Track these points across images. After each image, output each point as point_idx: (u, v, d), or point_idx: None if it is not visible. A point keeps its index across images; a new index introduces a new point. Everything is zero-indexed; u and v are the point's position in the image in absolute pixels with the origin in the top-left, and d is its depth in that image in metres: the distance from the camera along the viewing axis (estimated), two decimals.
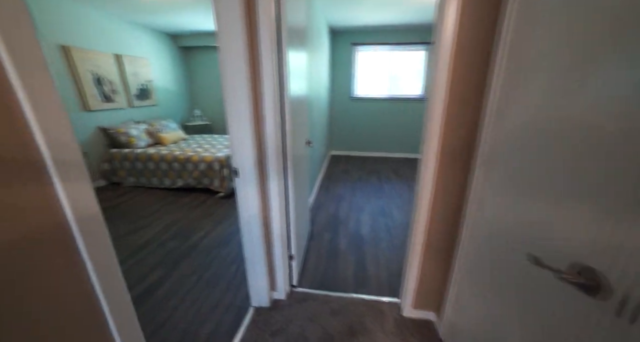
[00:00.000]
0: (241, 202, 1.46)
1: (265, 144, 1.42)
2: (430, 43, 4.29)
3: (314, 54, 2.97)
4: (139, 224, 2.71)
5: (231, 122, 1.31)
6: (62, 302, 0.63)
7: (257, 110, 1.36)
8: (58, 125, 0.62)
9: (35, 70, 0.55)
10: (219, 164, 3.29)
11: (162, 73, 4.72)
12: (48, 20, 3.00)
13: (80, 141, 3.42)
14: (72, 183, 0.64)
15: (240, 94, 1.26)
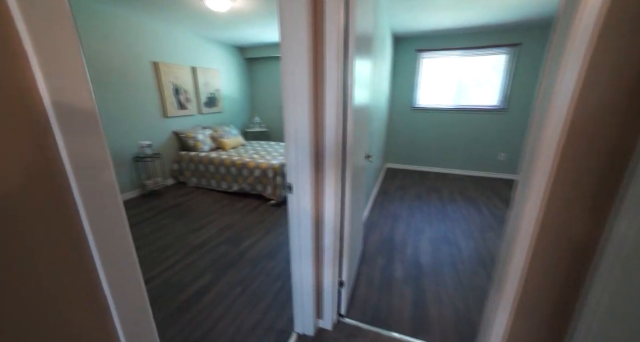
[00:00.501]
0: (292, 222, 1.34)
1: (323, 159, 1.28)
2: (515, 45, 3.74)
3: (377, 62, 2.79)
4: (197, 224, 2.84)
5: (288, 134, 1.20)
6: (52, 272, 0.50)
7: (317, 122, 1.24)
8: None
9: None
10: (273, 172, 3.30)
11: (228, 82, 5.08)
12: (144, 41, 3.44)
13: (159, 144, 3.82)
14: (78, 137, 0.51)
15: (300, 105, 1.15)
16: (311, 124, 1.19)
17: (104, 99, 3.11)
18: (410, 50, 4.38)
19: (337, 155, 1.27)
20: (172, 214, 3.10)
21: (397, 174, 4.64)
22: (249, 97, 5.77)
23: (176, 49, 3.91)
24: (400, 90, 4.62)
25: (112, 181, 0.57)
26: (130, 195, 3.55)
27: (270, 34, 4.19)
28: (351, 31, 1.21)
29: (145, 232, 2.69)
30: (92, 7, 2.90)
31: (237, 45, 5.09)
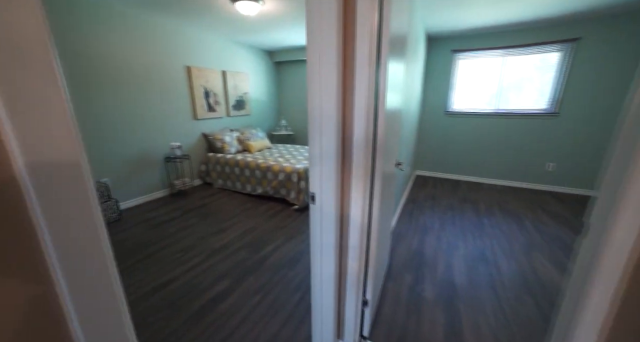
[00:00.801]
0: (314, 234, 1.24)
1: (350, 167, 1.17)
2: (572, 40, 3.27)
3: (409, 63, 2.62)
4: (221, 226, 2.84)
5: (313, 141, 1.10)
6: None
7: (345, 128, 1.13)
8: None
9: None
10: (297, 176, 3.24)
11: (257, 86, 5.15)
12: (178, 46, 3.58)
13: (189, 145, 3.94)
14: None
15: (327, 110, 1.05)
16: (338, 130, 1.08)
17: (138, 101, 3.26)
18: (445, 51, 4.13)
19: (366, 164, 1.15)
20: (197, 214, 3.14)
21: (428, 182, 4.37)
22: (276, 100, 5.82)
23: (208, 53, 4.02)
24: (432, 94, 4.37)
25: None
26: (160, 194, 3.67)
27: (298, 37, 4.18)
28: (385, 32, 1.09)
29: (172, 231, 2.74)
30: (130, 14, 3.06)
31: (266, 49, 5.15)
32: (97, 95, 2.87)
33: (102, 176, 3.03)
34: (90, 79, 2.80)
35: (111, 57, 2.93)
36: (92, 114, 2.86)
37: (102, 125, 2.95)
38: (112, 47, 2.93)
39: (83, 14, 2.68)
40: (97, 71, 2.84)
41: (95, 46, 2.79)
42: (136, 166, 3.33)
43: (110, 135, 3.03)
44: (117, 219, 2.97)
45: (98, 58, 2.83)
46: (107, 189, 2.85)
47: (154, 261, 2.25)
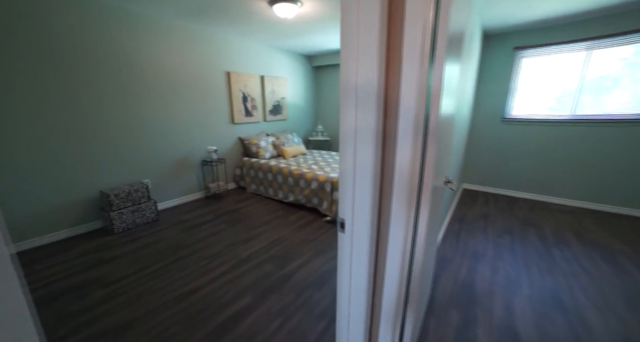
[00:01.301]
0: (342, 266, 1.02)
1: (392, 183, 0.93)
2: None
3: (463, 65, 2.27)
4: (249, 234, 2.76)
5: (345, 153, 0.89)
6: None
7: (387, 139, 0.90)
8: None
9: None
10: (331, 186, 3.04)
11: (294, 90, 5.10)
12: (219, 53, 3.65)
13: (225, 148, 4.00)
14: None
15: (363, 122, 0.83)
16: (377, 143, 0.85)
17: (180, 106, 3.37)
18: (505, 48, 3.62)
19: (411, 187, 0.90)
20: (228, 219, 3.11)
21: (477, 198, 3.84)
22: (314, 105, 5.72)
23: (247, 59, 4.05)
24: (487, 98, 3.86)
25: None
26: (196, 196, 3.75)
27: (338, 40, 4.01)
28: (442, 30, 0.85)
29: (203, 235, 2.73)
30: (176, 25, 3.17)
31: (305, 54, 5.08)
32: (143, 101, 3.01)
33: (144, 177, 3.16)
34: (138, 86, 2.95)
35: (158, 66, 3.06)
36: (139, 118, 3.00)
37: (146, 129, 3.09)
38: (159, 56, 3.06)
39: (139, 27, 2.83)
40: (145, 78, 2.98)
41: (145, 56, 2.94)
42: (175, 168, 3.44)
43: (153, 138, 3.16)
44: (155, 219, 3.06)
45: (147, 66, 2.97)
46: (147, 189, 2.95)
47: (181, 267, 2.21)
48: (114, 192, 2.70)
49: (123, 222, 2.79)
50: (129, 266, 2.22)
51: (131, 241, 2.63)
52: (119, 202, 2.75)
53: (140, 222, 2.94)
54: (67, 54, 2.44)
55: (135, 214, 2.87)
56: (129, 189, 2.82)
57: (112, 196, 2.68)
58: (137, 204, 2.89)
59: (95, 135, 2.71)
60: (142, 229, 2.87)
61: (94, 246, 2.52)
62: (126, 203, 2.80)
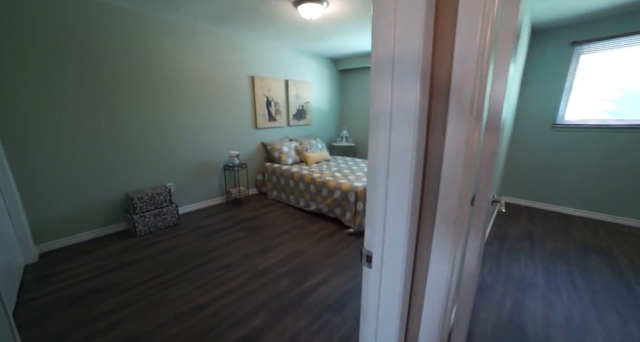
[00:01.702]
0: (368, 310, 0.83)
1: (436, 198, 0.73)
2: None
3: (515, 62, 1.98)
4: (268, 244, 2.64)
5: (375, 146, 0.71)
6: None
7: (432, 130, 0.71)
8: None
9: None
10: (355, 196, 2.84)
11: (319, 95, 4.98)
12: (243, 57, 3.64)
13: (248, 153, 3.96)
14: None
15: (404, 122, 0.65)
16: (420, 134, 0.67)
17: (204, 111, 3.37)
18: (558, 44, 3.20)
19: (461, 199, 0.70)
20: (247, 227, 3.02)
21: (521, 214, 3.42)
22: (339, 109, 5.56)
23: (272, 62, 4.01)
24: (533, 101, 3.45)
25: None
26: (217, 201, 3.73)
27: (364, 42, 3.83)
28: (510, 24, 0.65)
29: (221, 242, 2.65)
30: (198, 29, 3.18)
31: (331, 57, 4.95)
32: (168, 106, 3.04)
33: (168, 181, 3.18)
34: (164, 92, 2.98)
35: (182, 71, 3.09)
36: (164, 123, 3.04)
37: (171, 133, 3.11)
38: (184, 61, 3.08)
39: (166, 35, 2.87)
40: (171, 85, 3.01)
41: (170, 62, 2.97)
42: (197, 173, 3.44)
43: (177, 143, 3.18)
44: (175, 223, 3.06)
45: (172, 73, 3.01)
46: (169, 194, 2.96)
47: (197, 276, 2.14)
48: (138, 196, 2.73)
49: (145, 225, 2.80)
50: (147, 272, 2.19)
51: (152, 244, 2.62)
52: (142, 205, 2.76)
53: (162, 225, 2.94)
54: (98, 60, 2.51)
55: (157, 218, 2.88)
56: (152, 193, 2.83)
57: (135, 199, 2.70)
58: (159, 207, 2.90)
59: (122, 139, 2.76)
60: (163, 232, 2.87)
61: (117, 248, 2.54)
62: (149, 206, 2.82)
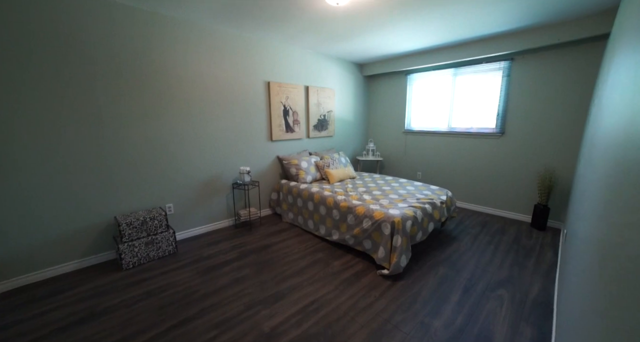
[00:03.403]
0: None
1: None
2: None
3: None
4: (278, 289, 2.04)
5: None
6: None
7: None
8: None
9: None
10: (391, 228, 2.20)
11: (342, 103, 4.45)
12: (257, 60, 3.20)
13: (261, 169, 3.45)
14: None
15: None
16: None
17: (211, 120, 2.92)
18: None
19: None
20: (255, 261, 2.45)
21: None
22: (365, 120, 4.99)
23: (290, 67, 3.55)
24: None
25: None
26: (224, 224, 3.21)
27: (396, 41, 3.26)
28: None
29: (221, 283, 2.09)
30: (205, 27, 2.78)
31: (356, 61, 4.44)
32: (169, 115, 2.62)
33: (166, 201, 2.72)
34: (164, 99, 2.57)
35: (188, 76, 2.68)
36: (164, 134, 2.61)
37: (172, 146, 2.67)
38: (189, 65, 2.68)
39: (166, 32, 2.49)
40: (172, 91, 2.60)
41: (173, 64, 2.57)
42: (201, 192, 2.96)
43: (179, 157, 2.73)
44: (172, 252, 2.56)
45: (175, 77, 2.60)
46: (165, 217, 2.48)
47: (182, 337, 1.57)
48: (127, 221, 2.26)
49: (134, 256, 2.31)
50: (117, 329, 1.66)
51: (137, 282, 2.11)
52: (132, 232, 2.29)
53: (155, 256, 2.44)
54: (83, 62, 2.14)
55: (149, 247, 2.39)
56: (145, 217, 2.36)
57: (124, 224, 2.24)
58: (152, 234, 2.41)
59: (113, 153, 2.34)
60: (154, 265, 2.36)
61: (95, 287, 2.05)
62: (140, 233, 2.34)
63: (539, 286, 2.11)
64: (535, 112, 3.19)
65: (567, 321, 1.16)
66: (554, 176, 3.11)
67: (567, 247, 1.90)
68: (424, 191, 2.97)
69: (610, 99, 1.94)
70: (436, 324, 1.70)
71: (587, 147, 1.98)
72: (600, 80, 2.44)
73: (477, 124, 3.66)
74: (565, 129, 3.02)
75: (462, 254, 2.58)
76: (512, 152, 3.40)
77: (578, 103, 2.91)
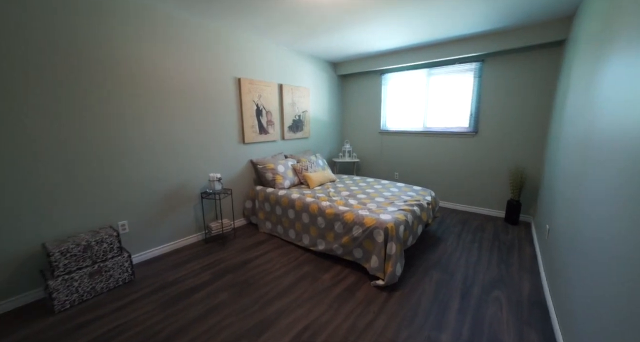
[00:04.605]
0: None
1: None
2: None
3: None
4: (263, 315, 1.75)
5: None
6: None
7: None
8: None
9: None
10: (384, 235, 2.03)
11: (318, 103, 4.26)
12: (227, 54, 2.87)
13: (233, 174, 3.10)
14: None
15: None
16: None
17: (173, 122, 2.52)
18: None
19: None
20: (233, 282, 2.12)
21: None
22: (339, 120, 4.85)
23: (262, 63, 3.26)
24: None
25: None
26: (192, 239, 2.81)
27: (374, 38, 3.16)
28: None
29: (191, 316, 1.74)
30: (166, 14, 2.40)
31: (330, 60, 4.29)
32: (121, 112, 2.17)
33: (118, 218, 2.26)
34: (117, 94, 2.13)
35: (145, 68, 2.26)
36: (116, 136, 2.16)
37: (120, 151, 2.22)
38: (148, 56, 2.26)
39: (118, 16, 2.06)
40: (127, 85, 2.17)
41: (128, 54, 2.14)
42: (163, 204, 2.53)
43: (133, 164, 2.29)
44: (128, 280, 2.12)
45: (130, 69, 2.17)
46: (117, 238, 2.03)
47: None
48: (62, 248, 1.78)
49: (73, 293, 1.84)
50: None
51: (76, 328, 1.65)
52: (69, 262, 1.82)
53: (104, 288, 1.99)
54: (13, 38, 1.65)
55: (94, 279, 1.93)
56: (89, 240, 1.90)
57: (56, 253, 1.76)
58: (99, 261, 1.96)
59: (41, 162, 1.85)
60: (103, 301, 1.91)
61: None
62: (81, 262, 1.88)
63: (529, 283, 2.11)
64: (505, 112, 3.31)
65: (578, 324, 1.10)
66: (524, 172, 3.24)
67: (552, 244, 1.92)
68: (408, 192, 2.88)
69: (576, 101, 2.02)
70: (444, 338, 1.56)
71: (561, 145, 2.05)
72: (562, 83, 2.59)
73: (452, 124, 3.72)
74: (532, 127, 3.16)
75: (450, 255, 2.53)
76: (486, 150, 3.50)
77: (542, 104, 3.06)
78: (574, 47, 2.26)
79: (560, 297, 1.63)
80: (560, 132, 2.28)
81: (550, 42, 2.82)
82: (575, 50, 2.19)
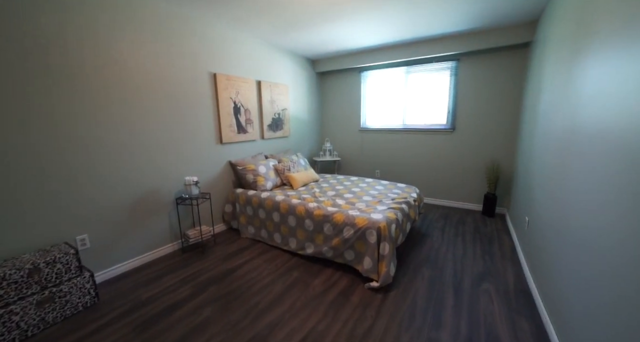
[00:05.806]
0: None
1: None
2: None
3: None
4: (255, 333, 1.60)
5: None
6: None
7: None
8: None
9: None
10: (377, 235, 1.98)
11: (297, 101, 4.13)
12: (202, 47, 2.64)
13: (211, 177, 2.88)
14: None
15: None
16: None
17: (142, 121, 2.25)
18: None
19: None
20: (216, 295, 1.94)
21: None
22: (319, 118, 4.76)
23: (239, 57, 3.06)
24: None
25: None
26: (167, 250, 2.55)
27: (356, 34, 3.11)
28: None
29: (173, 338, 1.54)
30: (138, 2, 2.14)
31: (308, 57, 4.18)
32: (82, 110, 1.88)
33: (77, 232, 1.96)
34: (76, 90, 1.83)
35: (109, 60, 1.98)
36: (75, 137, 1.86)
37: (88, 154, 1.93)
38: (112, 47, 1.98)
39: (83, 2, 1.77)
40: (89, 80, 1.88)
41: (89, 44, 1.86)
42: (132, 212, 2.26)
43: (95, 169, 2.00)
44: (91, 304, 1.84)
45: (91, 61, 1.88)
46: (75, 256, 1.75)
47: None
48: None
49: (12, 330, 1.52)
50: None
51: None
52: (5, 292, 1.50)
53: (57, 317, 1.69)
54: None
55: (43, 308, 1.63)
56: (35, 263, 1.60)
57: None
58: (51, 286, 1.67)
59: None
60: (57, 333, 1.62)
61: None
62: (24, 291, 1.57)
63: (512, 272, 2.18)
64: (480, 109, 3.44)
65: (568, 313, 1.13)
66: (499, 167, 3.39)
67: (533, 234, 1.99)
68: (393, 190, 2.87)
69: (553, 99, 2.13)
70: (444, 337, 1.54)
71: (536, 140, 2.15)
72: (532, 81, 2.73)
73: (430, 121, 3.79)
74: (504, 123, 3.32)
75: (437, 251, 2.55)
76: (463, 146, 3.61)
77: (512, 101, 3.23)
78: (543, 48, 2.37)
79: (545, 284, 1.69)
80: (535, 127, 2.38)
81: (518, 43, 2.97)
82: (545, 50, 2.30)
